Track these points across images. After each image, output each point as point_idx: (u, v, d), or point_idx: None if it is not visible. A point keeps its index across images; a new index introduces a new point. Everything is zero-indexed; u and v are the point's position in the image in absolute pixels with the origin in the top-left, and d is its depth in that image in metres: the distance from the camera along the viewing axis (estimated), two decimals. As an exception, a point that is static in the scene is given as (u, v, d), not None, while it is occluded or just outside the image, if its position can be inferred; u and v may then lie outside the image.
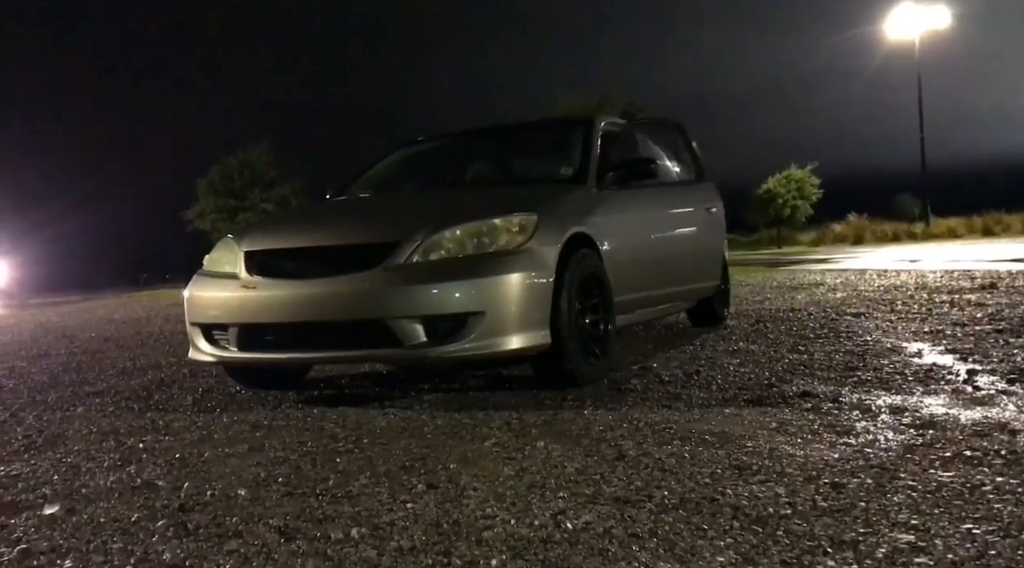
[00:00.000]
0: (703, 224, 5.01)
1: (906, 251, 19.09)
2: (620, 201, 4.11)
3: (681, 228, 4.82)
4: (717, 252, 5.25)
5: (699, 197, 5.05)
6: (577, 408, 3.07)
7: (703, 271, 4.98)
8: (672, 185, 4.92)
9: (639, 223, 4.33)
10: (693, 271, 4.87)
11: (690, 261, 4.83)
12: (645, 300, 4.36)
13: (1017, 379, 3.07)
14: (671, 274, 4.61)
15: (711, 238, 5.11)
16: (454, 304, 3.16)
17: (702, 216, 5.03)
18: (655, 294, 4.47)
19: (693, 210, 4.96)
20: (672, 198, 4.80)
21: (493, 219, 3.36)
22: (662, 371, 3.79)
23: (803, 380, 3.35)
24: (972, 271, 9.69)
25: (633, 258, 4.12)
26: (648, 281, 4.33)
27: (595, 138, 4.28)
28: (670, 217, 4.73)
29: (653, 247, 4.45)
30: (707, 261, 5.07)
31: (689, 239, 4.85)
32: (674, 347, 4.66)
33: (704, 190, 5.15)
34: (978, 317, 5.07)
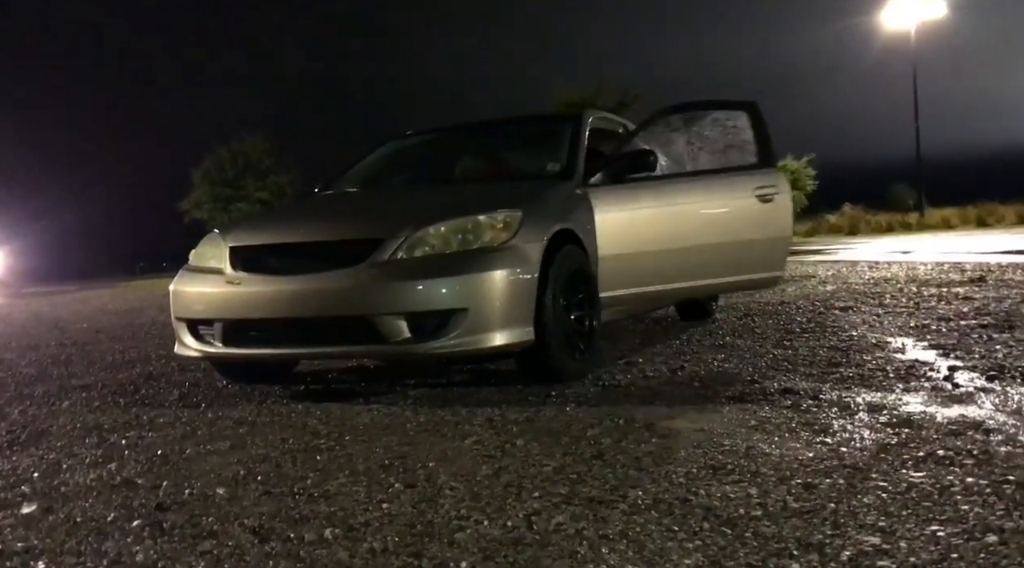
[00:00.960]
0: (750, 213, 4.45)
1: (900, 242, 19.12)
2: (612, 196, 4.04)
3: (710, 219, 4.38)
4: (772, 242, 4.53)
5: (749, 185, 4.45)
6: (560, 405, 3.08)
7: (746, 263, 4.46)
8: (704, 174, 4.47)
9: (636, 218, 4.16)
10: (729, 263, 4.40)
11: (724, 253, 4.36)
12: (650, 296, 4.31)
13: (996, 376, 3.09)
14: (687, 268, 4.28)
15: (762, 227, 4.48)
16: (438, 301, 3.17)
17: (749, 205, 4.44)
18: (663, 289, 4.28)
19: (736, 199, 4.43)
20: (697, 188, 4.37)
21: (477, 216, 3.36)
22: (647, 367, 3.81)
23: (785, 376, 3.36)
24: (963, 263, 9.72)
25: (627, 254, 4.06)
26: (650, 276, 4.17)
27: (583, 134, 4.28)
28: (689, 209, 4.32)
29: (657, 241, 4.18)
30: (754, 252, 4.47)
31: (722, 230, 4.39)
32: (661, 341, 4.67)
33: (761, 177, 4.49)
34: (964, 311, 5.09)
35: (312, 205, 4.25)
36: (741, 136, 4.59)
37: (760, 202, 4.44)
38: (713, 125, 4.58)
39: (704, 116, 4.58)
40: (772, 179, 4.52)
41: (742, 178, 4.47)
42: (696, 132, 4.55)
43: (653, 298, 4.51)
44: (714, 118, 4.57)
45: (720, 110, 4.60)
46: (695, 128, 4.55)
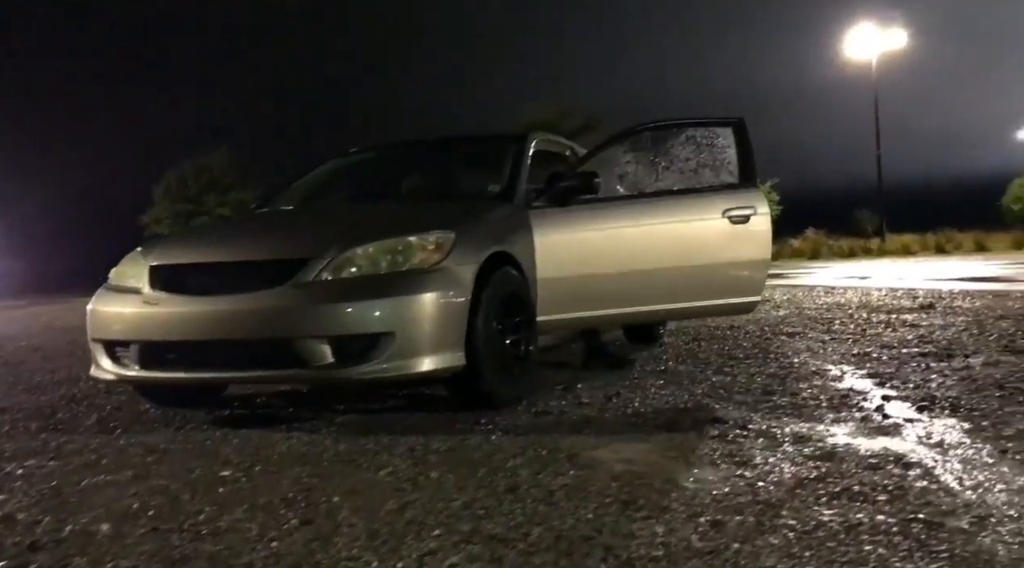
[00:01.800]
0: (718, 235, 4.20)
1: (859, 267, 19.37)
2: (553, 219, 3.97)
3: (666, 242, 4.14)
4: (746, 265, 4.25)
5: (717, 205, 4.20)
6: (487, 433, 3.00)
7: (715, 287, 4.21)
8: (663, 195, 4.23)
9: (579, 241, 4.02)
10: (693, 287, 4.17)
11: (685, 277, 4.14)
12: (595, 321, 4.23)
13: (926, 407, 3.06)
14: (638, 292, 4.10)
15: (733, 250, 4.21)
16: (363, 324, 3.07)
17: (717, 226, 4.19)
18: (610, 313, 4.14)
19: (700, 221, 4.19)
20: (653, 210, 4.15)
21: (408, 236, 3.28)
22: (584, 392, 3.74)
23: (719, 404, 3.31)
24: (916, 290, 9.84)
25: (568, 277, 3.96)
26: (594, 300, 4.04)
27: (526, 155, 4.23)
28: (641, 232, 4.12)
29: (601, 265, 4.02)
30: (724, 276, 4.23)
31: (681, 253, 4.15)
32: (605, 365, 4.61)
33: (735, 197, 4.23)
34: (908, 339, 5.10)
35: (241, 223, 4.14)
36: (720, 155, 4.37)
37: (731, 223, 4.19)
38: (687, 143, 4.40)
39: (677, 134, 4.42)
40: (749, 199, 4.25)
41: (710, 198, 4.24)
42: (665, 151, 4.39)
43: (598, 322, 4.44)
44: (689, 136, 4.40)
45: (701, 127, 4.42)
46: (665, 147, 4.40)
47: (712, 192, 4.30)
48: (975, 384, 3.46)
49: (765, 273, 4.34)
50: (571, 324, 4.20)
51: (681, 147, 4.43)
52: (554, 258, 3.93)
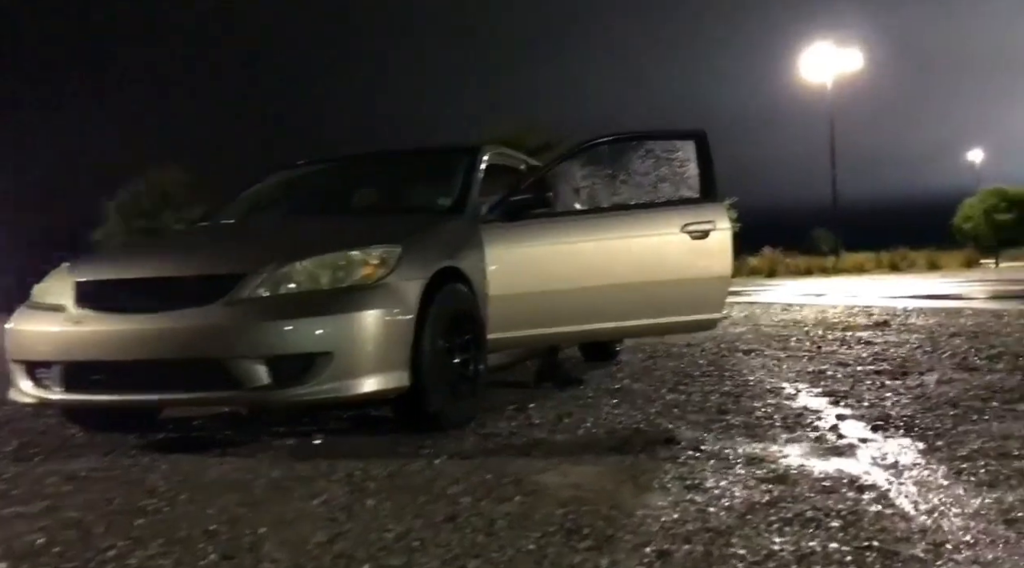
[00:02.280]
0: (676, 251, 4.06)
1: (816, 285, 19.62)
2: (505, 234, 3.86)
3: (621, 258, 4.00)
4: (707, 281, 4.11)
5: (676, 220, 4.05)
6: (430, 457, 2.86)
7: (673, 304, 4.05)
8: (620, 210, 4.12)
9: (532, 256, 3.91)
10: (650, 304, 4.01)
11: (642, 293, 3.99)
12: (548, 338, 4.10)
13: (880, 427, 3.01)
14: (593, 309, 3.95)
15: (692, 266, 4.08)
16: (301, 343, 2.93)
17: (676, 241, 4.06)
18: (564, 331, 4.01)
19: (658, 236, 4.06)
20: (608, 225, 4.03)
21: (350, 251, 3.15)
22: (535, 412, 3.63)
23: (672, 424, 3.23)
24: (871, 307, 9.94)
25: (520, 294, 3.83)
26: (548, 317, 3.90)
27: (478, 168, 4.13)
28: (596, 247, 3.97)
29: (555, 281, 3.88)
30: (683, 292, 4.06)
31: (638, 269, 4.00)
32: (558, 383, 4.50)
33: (696, 211, 4.10)
34: (863, 356, 5.09)
35: (176, 237, 3.98)
36: (680, 168, 4.26)
37: (691, 239, 4.04)
38: (646, 157, 4.29)
39: (637, 148, 4.32)
40: (709, 214, 4.11)
41: (668, 213, 4.12)
42: (624, 165, 4.29)
43: (552, 340, 4.31)
44: (648, 149, 4.30)
45: (662, 141, 4.32)
46: (624, 160, 4.30)
47: (671, 206, 4.19)
48: (929, 402, 3.43)
49: (726, 289, 4.25)
50: (524, 342, 4.08)
51: (640, 161, 4.34)
52: (506, 274, 3.82)
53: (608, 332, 4.34)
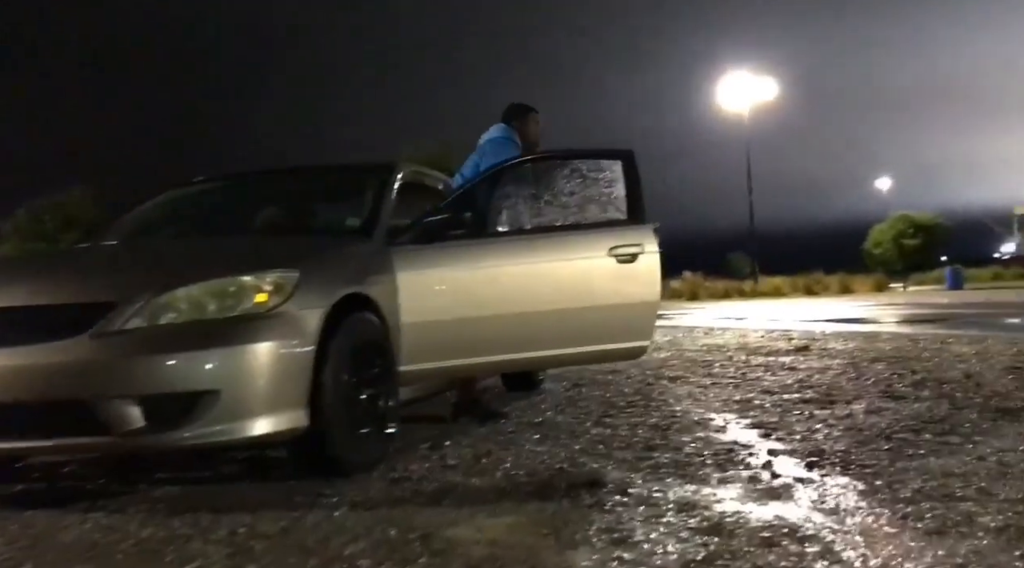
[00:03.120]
0: (603, 275, 3.86)
1: (735, 308, 19.96)
2: (420, 257, 3.57)
3: (545, 283, 3.77)
4: (634, 308, 3.89)
5: (602, 243, 3.85)
6: (331, 508, 2.55)
7: (599, 331, 3.83)
8: (543, 232, 3.90)
9: (449, 282, 3.64)
10: (576, 332, 3.78)
11: (567, 321, 3.75)
12: (468, 369, 3.81)
13: (815, 463, 2.84)
14: (515, 337, 3.69)
15: (619, 291, 3.88)
16: (181, 380, 2.58)
17: (602, 266, 3.84)
18: (484, 361, 3.73)
19: (584, 260, 3.85)
20: (531, 248, 3.80)
21: (241, 276, 2.82)
22: (451, 451, 3.34)
23: (597, 463, 2.99)
24: (790, 331, 10.02)
25: (436, 322, 3.55)
26: (466, 347, 3.63)
27: (390, 187, 3.84)
28: (517, 271, 3.74)
29: (474, 308, 3.61)
30: (610, 319, 3.85)
31: (562, 295, 3.78)
32: (478, 417, 4.22)
33: (622, 234, 3.89)
34: (788, 383, 4.99)
35: (44, 260, 3.57)
36: (607, 189, 4.06)
37: (617, 262, 3.82)
38: (571, 177, 4.07)
39: (562, 167, 4.11)
40: (637, 237, 3.89)
41: (594, 236, 3.92)
42: (549, 185, 4.05)
43: (471, 371, 4.03)
44: (574, 169, 4.08)
45: (588, 160, 4.12)
46: (548, 181, 4.06)
47: (597, 229, 4.00)
48: (862, 435, 3.29)
49: (654, 315, 4.04)
50: (441, 374, 3.80)
51: (565, 181, 4.12)
52: (420, 301, 3.54)
53: (531, 362, 4.07)
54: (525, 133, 4.64)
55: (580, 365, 4.82)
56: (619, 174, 4.04)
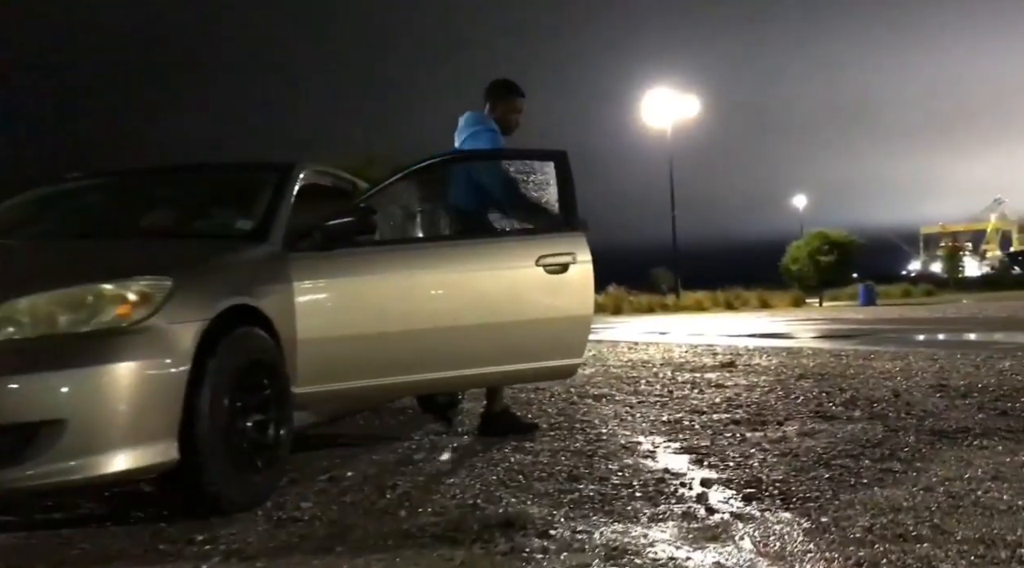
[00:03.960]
0: (531, 287, 3.54)
1: (658, 322, 20.03)
2: (322, 265, 3.20)
3: (466, 295, 3.44)
4: (566, 322, 3.60)
5: (530, 252, 3.53)
6: (202, 558, 2.15)
7: (528, 348, 3.52)
8: (464, 239, 3.67)
9: (356, 293, 3.26)
10: (502, 349, 3.46)
11: (490, 337, 3.44)
12: (377, 391, 3.42)
13: (753, 495, 2.58)
14: (432, 356, 3.35)
15: (549, 304, 3.58)
16: (17, 409, 2.16)
17: (530, 276, 3.53)
18: (396, 382, 3.36)
19: (510, 270, 3.53)
20: (450, 256, 3.49)
21: (100, 283, 2.40)
22: (353, 484, 2.97)
23: (515, 498, 2.67)
24: (714, 346, 9.95)
25: (341, 338, 3.18)
26: (375, 366, 3.27)
27: (289, 187, 3.45)
28: (435, 282, 3.41)
29: (385, 323, 3.25)
30: (539, 335, 3.55)
31: (485, 308, 3.45)
32: (387, 442, 3.86)
33: (553, 242, 3.57)
34: (717, 402, 4.78)
35: None
36: (537, 193, 3.78)
37: (547, 273, 3.51)
38: (524, 179, 3.82)
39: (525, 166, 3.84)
40: (569, 245, 3.57)
41: (521, 244, 3.63)
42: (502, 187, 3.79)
43: (380, 393, 3.64)
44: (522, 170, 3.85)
45: (517, 161, 3.86)
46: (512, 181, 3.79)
47: (525, 236, 3.70)
48: (798, 461, 3.06)
49: (587, 331, 3.72)
50: (345, 396, 3.41)
51: (517, 180, 3.87)
52: (322, 314, 3.17)
53: (449, 383, 3.67)
54: (507, 120, 4.20)
55: (505, 386, 4.52)
56: (551, 177, 3.76)
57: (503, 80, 4.30)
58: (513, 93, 4.23)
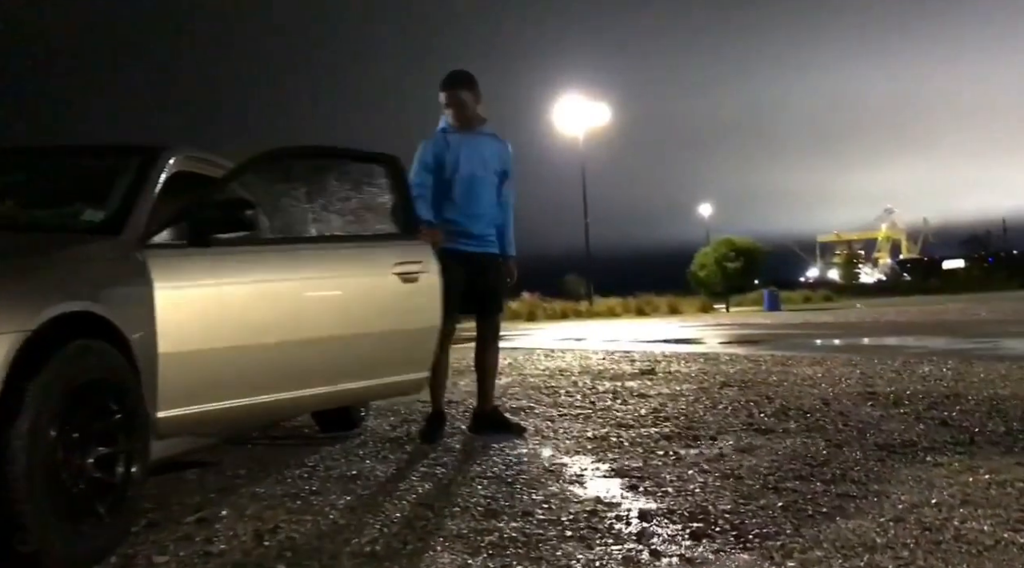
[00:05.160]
0: (389, 296, 3.35)
1: (573, 328, 19.85)
2: (188, 264, 2.71)
3: (333, 303, 3.18)
4: (417, 334, 3.46)
5: (388, 259, 3.34)
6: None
7: (382, 363, 3.33)
8: (329, 241, 3.37)
9: (226, 297, 2.80)
10: (361, 364, 3.24)
11: (353, 350, 3.21)
12: (251, 412, 2.93)
13: (703, 532, 2.21)
14: (302, 371, 3.02)
15: (404, 315, 3.40)
16: None
17: (388, 285, 3.33)
18: (268, 401, 2.93)
19: (371, 276, 3.31)
20: (319, 260, 3.19)
21: None
22: (225, 525, 2.46)
23: (422, 542, 2.22)
24: (631, 353, 9.71)
25: (210, 350, 2.72)
26: (250, 382, 2.85)
27: (154, 174, 2.90)
28: (304, 287, 3.09)
29: (258, 332, 2.86)
30: (394, 348, 3.37)
31: (351, 318, 3.21)
32: (276, 469, 3.33)
33: (404, 250, 3.42)
34: (643, 414, 4.44)
35: None
36: (380, 199, 3.56)
37: (402, 282, 3.34)
38: (344, 180, 3.51)
39: (336, 168, 3.52)
40: (417, 253, 3.45)
41: (380, 250, 3.39)
42: (323, 187, 3.41)
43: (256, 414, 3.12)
44: (345, 172, 3.52)
45: (354, 162, 3.57)
46: (322, 181, 3.43)
47: (380, 241, 3.47)
48: (744, 486, 2.72)
49: (434, 342, 3.52)
50: (213, 421, 2.88)
51: (338, 183, 3.54)
52: (190, 322, 2.65)
53: (301, 404, 3.24)
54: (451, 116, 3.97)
55: (358, 404, 4.15)
56: (388, 182, 3.56)
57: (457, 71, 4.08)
58: (440, 89, 4.02)
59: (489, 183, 4.00)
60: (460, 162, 3.92)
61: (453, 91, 3.95)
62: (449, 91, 3.96)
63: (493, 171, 4.02)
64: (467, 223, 3.94)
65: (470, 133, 3.99)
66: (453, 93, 3.95)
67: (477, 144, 3.99)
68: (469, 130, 3.99)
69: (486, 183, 3.99)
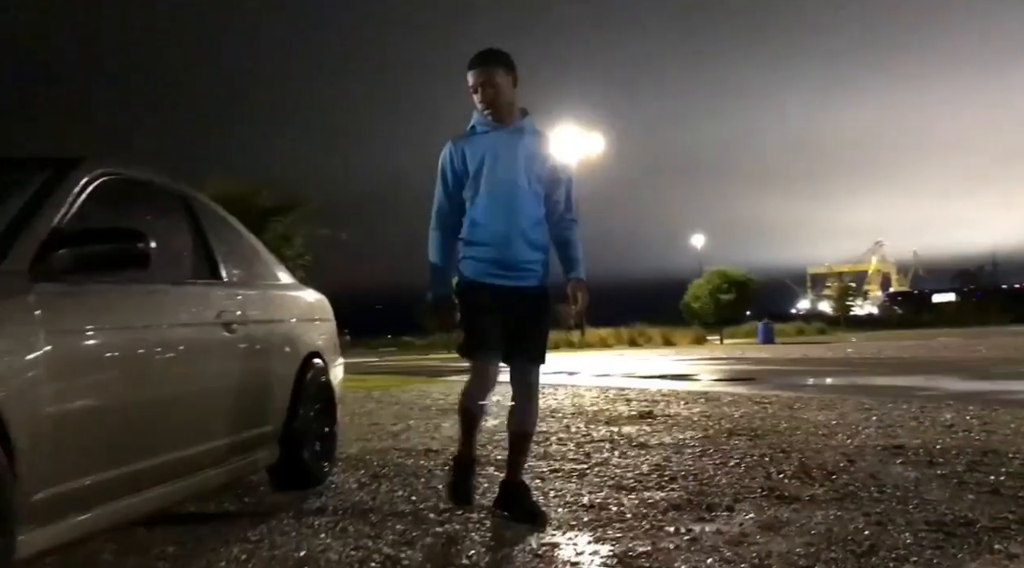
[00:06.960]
0: (221, 347, 2.99)
1: (565, 360, 19.30)
2: (85, 300, 2.27)
3: (186, 353, 2.76)
4: (259, 390, 3.27)
5: (214, 305, 3.00)
6: None
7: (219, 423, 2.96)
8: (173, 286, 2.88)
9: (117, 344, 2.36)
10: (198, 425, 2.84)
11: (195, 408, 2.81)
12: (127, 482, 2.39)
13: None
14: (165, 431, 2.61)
15: (235, 368, 3.10)
16: None
17: (217, 335, 2.96)
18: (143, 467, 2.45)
19: (202, 325, 2.91)
20: (171, 303, 2.80)
21: None
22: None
23: None
24: (626, 390, 9.20)
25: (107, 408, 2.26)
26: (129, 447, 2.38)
27: (61, 192, 2.40)
28: (167, 335, 2.67)
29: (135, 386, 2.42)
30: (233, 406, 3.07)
31: (196, 372, 2.83)
32: (212, 546, 2.77)
33: (226, 296, 3.12)
34: (645, 473, 3.91)
35: None
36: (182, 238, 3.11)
37: (226, 331, 3.05)
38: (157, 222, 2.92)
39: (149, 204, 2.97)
40: (248, 301, 3.33)
41: (217, 296, 3.12)
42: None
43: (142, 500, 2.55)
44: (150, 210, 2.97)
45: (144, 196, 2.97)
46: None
47: (208, 287, 3.13)
48: (781, 585, 2.19)
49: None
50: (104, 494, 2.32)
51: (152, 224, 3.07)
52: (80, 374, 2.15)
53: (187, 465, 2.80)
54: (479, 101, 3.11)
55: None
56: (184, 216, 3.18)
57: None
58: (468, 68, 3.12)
59: (532, 194, 3.12)
60: (494, 167, 3.05)
61: (485, 69, 3.05)
62: (480, 69, 3.05)
63: (536, 178, 3.13)
64: (501, 248, 3.07)
65: (506, 130, 3.11)
66: (485, 71, 3.05)
67: (515, 143, 3.11)
68: (505, 125, 3.11)
69: (527, 194, 3.10)
